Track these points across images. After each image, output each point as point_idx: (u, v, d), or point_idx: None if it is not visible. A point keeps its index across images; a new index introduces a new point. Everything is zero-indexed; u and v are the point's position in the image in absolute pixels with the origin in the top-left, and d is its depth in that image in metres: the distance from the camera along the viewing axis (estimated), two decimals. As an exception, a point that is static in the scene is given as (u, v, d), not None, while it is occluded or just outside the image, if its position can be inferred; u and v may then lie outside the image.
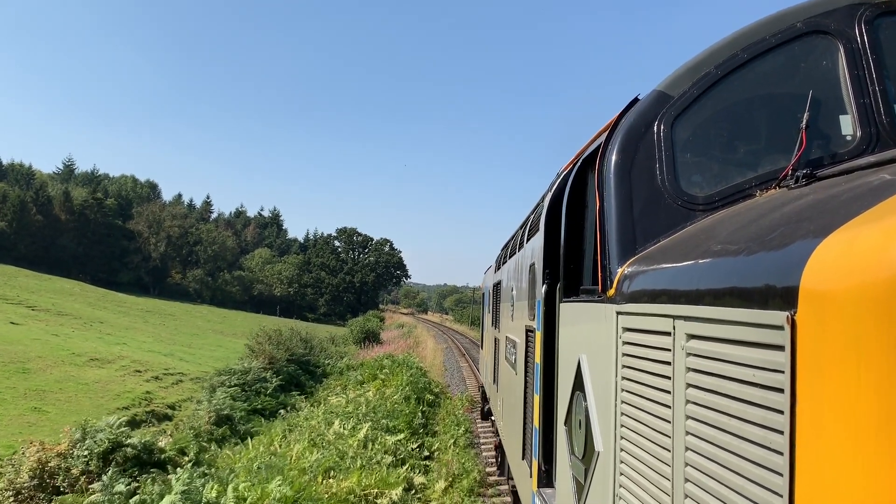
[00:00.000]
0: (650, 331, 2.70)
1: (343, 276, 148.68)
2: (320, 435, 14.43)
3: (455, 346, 48.07)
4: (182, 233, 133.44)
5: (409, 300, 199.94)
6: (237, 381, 24.76)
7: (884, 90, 3.12)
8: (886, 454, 1.37)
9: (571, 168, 4.97)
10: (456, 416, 17.96)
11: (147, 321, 70.56)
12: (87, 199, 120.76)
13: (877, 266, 1.42)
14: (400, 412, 16.62)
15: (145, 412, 26.48)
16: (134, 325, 63.21)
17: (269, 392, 25.00)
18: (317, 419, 16.70)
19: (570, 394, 4.05)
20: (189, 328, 73.25)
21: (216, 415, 21.14)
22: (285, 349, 30.55)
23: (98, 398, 27.47)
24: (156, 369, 34.54)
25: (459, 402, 20.60)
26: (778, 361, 1.71)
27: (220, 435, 19.83)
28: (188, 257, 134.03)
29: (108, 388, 29.20)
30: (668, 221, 3.22)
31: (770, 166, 3.22)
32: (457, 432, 15.80)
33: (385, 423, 15.15)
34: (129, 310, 78.49)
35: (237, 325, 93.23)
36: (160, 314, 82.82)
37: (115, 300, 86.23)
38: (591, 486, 3.49)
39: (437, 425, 17.64)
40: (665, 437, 2.50)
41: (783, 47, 3.34)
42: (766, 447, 1.77)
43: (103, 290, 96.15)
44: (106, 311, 69.53)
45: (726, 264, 2.16)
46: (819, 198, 2.23)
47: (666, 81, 3.53)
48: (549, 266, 5.49)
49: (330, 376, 31.03)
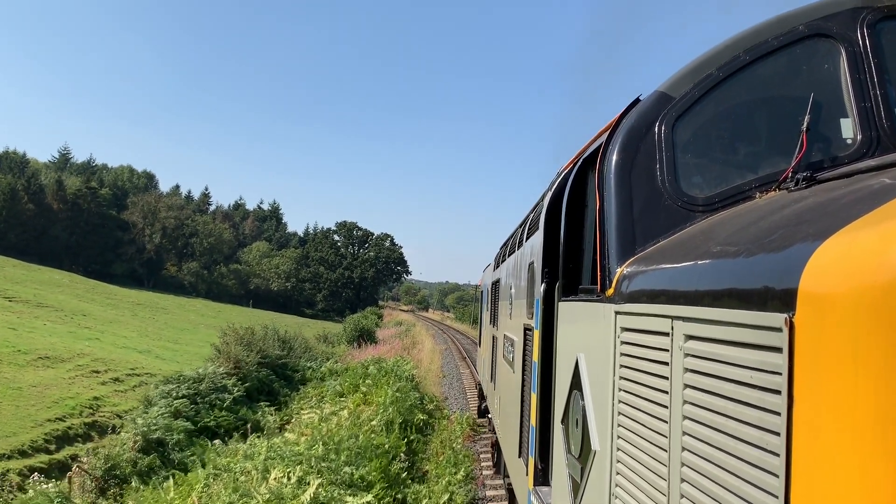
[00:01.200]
0: (648, 331, 2.71)
1: (342, 272, 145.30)
2: (245, 496, 9.66)
3: (455, 347, 45.63)
4: (178, 224, 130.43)
5: (409, 297, 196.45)
6: (187, 390, 19.83)
7: (885, 94, 3.13)
8: (882, 456, 1.38)
9: (572, 167, 4.98)
10: (454, 451, 14.37)
11: (136, 315, 68.74)
12: (80, 189, 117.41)
13: (875, 270, 1.42)
14: (375, 449, 12.24)
15: (84, 424, 22.35)
16: (120, 318, 61.38)
17: (227, 405, 20.32)
18: (257, 459, 11.53)
19: (568, 392, 4.06)
20: (180, 322, 71.26)
21: (143, 439, 16.31)
22: (257, 351, 26.18)
23: (28, 406, 23.04)
24: (119, 369, 30.59)
25: (459, 425, 17.00)
26: (775, 363, 1.72)
27: (147, 465, 15.48)
28: (183, 249, 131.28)
29: (47, 393, 24.83)
30: (668, 222, 3.23)
31: (770, 168, 3.23)
32: (453, 478, 12.12)
33: (349, 474, 10.62)
34: (118, 302, 76.59)
35: (232, 319, 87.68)
36: (152, 307, 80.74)
37: (106, 292, 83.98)
38: (587, 484, 3.50)
39: (428, 462, 14.04)
40: (662, 437, 2.51)
41: (785, 50, 3.35)
42: (763, 448, 1.77)
43: (95, 281, 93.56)
44: (93, 304, 67.38)
45: (725, 266, 2.17)
46: (819, 201, 2.24)
47: (668, 82, 3.53)
48: (548, 265, 5.49)
49: (310, 382, 27.56)
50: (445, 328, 73.43)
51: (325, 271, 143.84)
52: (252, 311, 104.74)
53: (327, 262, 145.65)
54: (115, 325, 53.98)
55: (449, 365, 34.29)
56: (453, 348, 45.16)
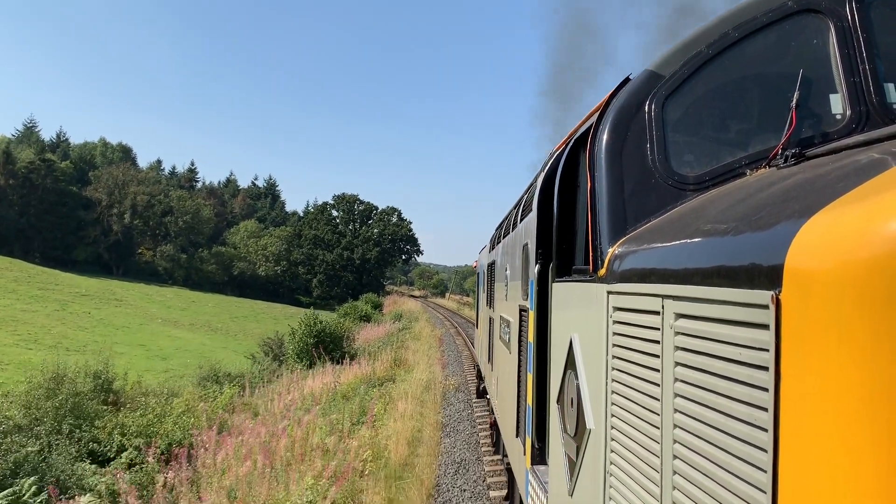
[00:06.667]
0: (640, 310, 2.73)
1: (340, 252, 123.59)
2: None
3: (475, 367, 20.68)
4: (149, 201, 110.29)
5: (423, 281, 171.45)
6: None
7: (874, 69, 3.13)
8: (867, 429, 1.40)
9: (564, 148, 4.97)
10: None
11: (64, 309, 59.59)
12: (33, 161, 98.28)
13: (858, 246, 1.44)
14: None
15: None
16: (26, 313, 52.92)
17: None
18: None
19: (563, 372, 4.09)
20: (125, 319, 61.63)
21: None
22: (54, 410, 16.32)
23: None
24: None
25: None
26: (763, 340, 1.74)
27: None
28: (157, 231, 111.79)
29: None
30: (659, 201, 3.23)
31: (760, 146, 3.23)
32: None
33: None
34: (55, 293, 66.16)
35: (204, 312, 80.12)
36: (102, 299, 70.89)
37: (48, 281, 72.94)
38: (582, 462, 3.54)
39: None
40: (654, 415, 2.54)
41: (774, 26, 3.33)
42: (752, 424, 1.80)
43: (42, 269, 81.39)
44: (9, 298, 58.09)
45: (714, 244, 2.18)
46: (807, 177, 2.25)
47: (657, 61, 3.52)
48: (541, 246, 5.51)
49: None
50: (462, 322, 48.82)
51: (321, 252, 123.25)
52: (234, 301, 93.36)
53: (323, 242, 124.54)
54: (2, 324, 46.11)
55: (463, 436, 14.65)
56: (472, 370, 21.95)
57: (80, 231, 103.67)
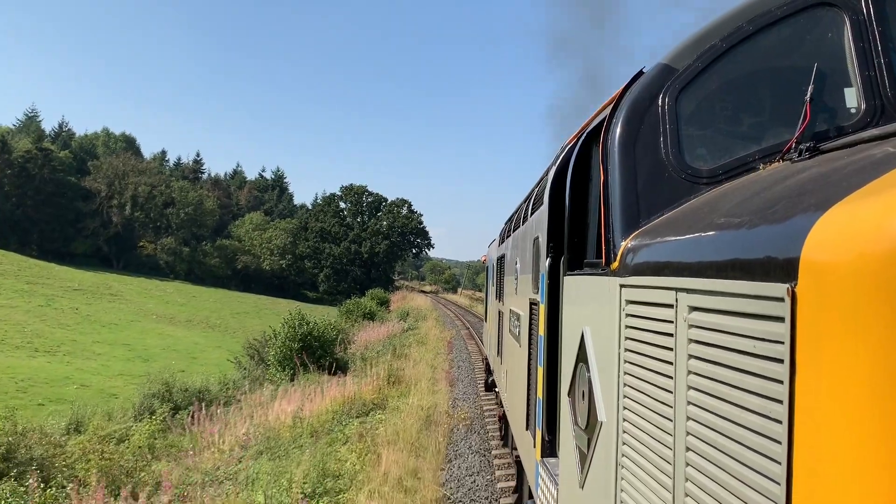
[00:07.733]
0: (653, 303, 2.73)
1: (347, 245, 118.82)
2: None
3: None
4: (151, 192, 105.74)
5: (435, 276, 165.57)
6: None
7: (889, 63, 3.11)
8: (882, 421, 1.41)
9: (576, 141, 4.97)
10: None
11: (51, 304, 57.23)
12: (29, 151, 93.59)
13: (875, 239, 1.44)
14: None
15: None
16: (6, 308, 50.18)
17: None
18: None
19: (574, 365, 4.10)
20: (116, 316, 59.00)
21: None
22: None
23: None
24: None
25: None
26: (778, 332, 1.75)
27: None
28: (158, 223, 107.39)
29: None
30: (672, 195, 3.24)
31: (774, 139, 3.22)
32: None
33: None
34: (45, 287, 63.80)
35: (204, 307, 76.91)
36: (95, 294, 68.35)
37: (39, 274, 70.12)
38: (593, 455, 3.56)
39: None
40: (667, 408, 2.55)
41: (789, 19, 3.32)
42: (766, 416, 1.81)
43: (36, 262, 78.69)
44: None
45: (728, 237, 2.19)
46: (822, 171, 2.25)
47: (671, 54, 3.52)
48: (552, 239, 5.51)
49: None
50: (474, 321, 43.63)
51: (328, 245, 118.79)
52: (236, 296, 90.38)
53: (330, 235, 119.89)
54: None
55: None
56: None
57: (78, 223, 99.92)
